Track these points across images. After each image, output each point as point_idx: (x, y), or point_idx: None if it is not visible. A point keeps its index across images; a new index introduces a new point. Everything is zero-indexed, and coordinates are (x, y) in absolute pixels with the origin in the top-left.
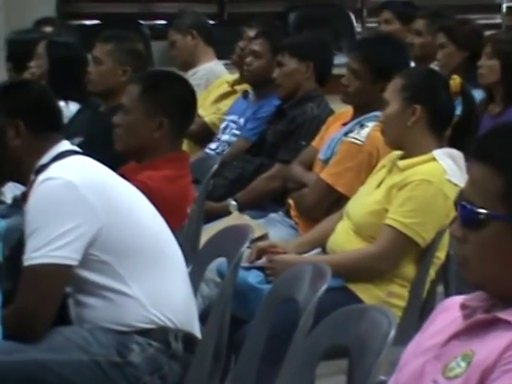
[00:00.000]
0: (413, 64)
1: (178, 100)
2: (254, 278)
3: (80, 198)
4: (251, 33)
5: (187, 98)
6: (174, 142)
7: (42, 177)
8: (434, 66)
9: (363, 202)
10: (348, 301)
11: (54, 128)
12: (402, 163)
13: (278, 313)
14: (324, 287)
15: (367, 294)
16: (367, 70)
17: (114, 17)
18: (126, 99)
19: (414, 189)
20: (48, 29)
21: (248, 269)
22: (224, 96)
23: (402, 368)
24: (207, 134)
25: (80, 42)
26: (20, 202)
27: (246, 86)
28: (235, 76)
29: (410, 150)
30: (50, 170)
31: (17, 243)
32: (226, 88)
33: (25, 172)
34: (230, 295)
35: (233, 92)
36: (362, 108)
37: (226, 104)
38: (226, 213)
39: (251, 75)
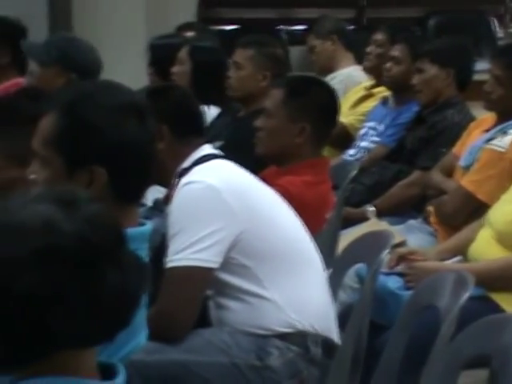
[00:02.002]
0: None
1: (320, 106)
2: (393, 283)
3: (221, 201)
4: (378, 36)
5: (330, 104)
6: (315, 147)
7: (184, 180)
8: None
9: (505, 210)
10: (489, 310)
11: (197, 132)
12: None
13: (419, 320)
14: (466, 295)
15: (509, 303)
16: (511, 76)
17: (252, 22)
18: (269, 103)
19: None
20: (189, 34)
21: (387, 274)
22: (361, 100)
23: None
24: (345, 136)
25: (220, 47)
26: (162, 204)
27: (382, 90)
28: (373, 82)
29: None
30: (193, 174)
31: (159, 245)
32: (362, 93)
33: (168, 175)
34: (370, 301)
35: (369, 95)
36: (505, 115)
37: (363, 106)
38: (364, 219)
39: (391, 81)
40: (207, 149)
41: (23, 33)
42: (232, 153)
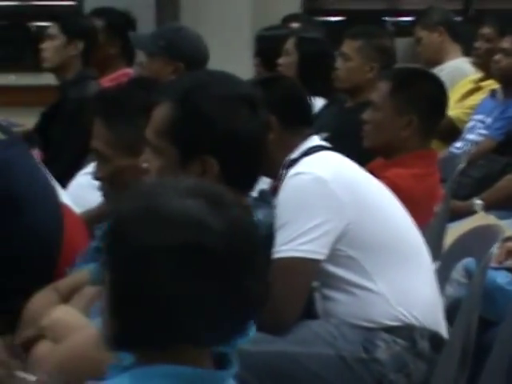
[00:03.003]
0: None
1: (428, 98)
2: (502, 278)
3: (330, 193)
4: (486, 30)
5: (438, 96)
6: (422, 139)
7: (292, 171)
8: None
9: None
10: None
11: (305, 123)
12: None
13: None
14: None
15: None
16: None
17: (358, 13)
18: (376, 96)
19: None
20: (295, 25)
21: (496, 269)
22: (469, 93)
23: None
24: (452, 130)
25: (326, 38)
26: (268, 195)
27: (491, 83)
28: (480, 75)
29: None
30: (301, 165)
31: (265, 236)
32: (470, 86)
33: (276, 166)
34: (479, 296)
35: (477, 88)
36: None
37: (471, 99)
38: (471, 212)
39: (499, 73)
40: (315, 140)
41: (132, 24)
42: (338, 144)
